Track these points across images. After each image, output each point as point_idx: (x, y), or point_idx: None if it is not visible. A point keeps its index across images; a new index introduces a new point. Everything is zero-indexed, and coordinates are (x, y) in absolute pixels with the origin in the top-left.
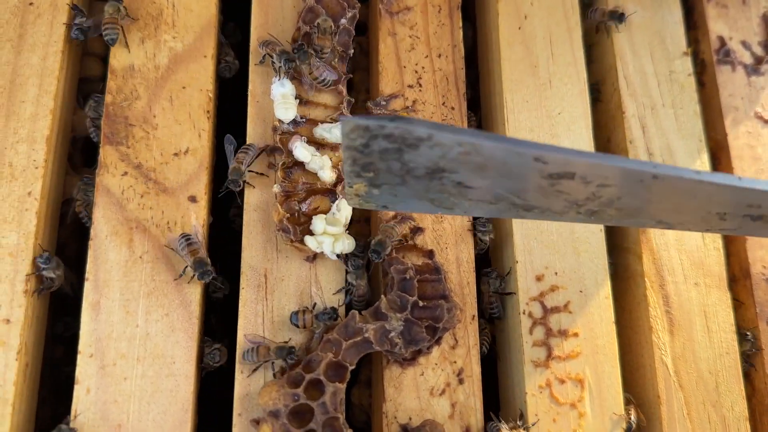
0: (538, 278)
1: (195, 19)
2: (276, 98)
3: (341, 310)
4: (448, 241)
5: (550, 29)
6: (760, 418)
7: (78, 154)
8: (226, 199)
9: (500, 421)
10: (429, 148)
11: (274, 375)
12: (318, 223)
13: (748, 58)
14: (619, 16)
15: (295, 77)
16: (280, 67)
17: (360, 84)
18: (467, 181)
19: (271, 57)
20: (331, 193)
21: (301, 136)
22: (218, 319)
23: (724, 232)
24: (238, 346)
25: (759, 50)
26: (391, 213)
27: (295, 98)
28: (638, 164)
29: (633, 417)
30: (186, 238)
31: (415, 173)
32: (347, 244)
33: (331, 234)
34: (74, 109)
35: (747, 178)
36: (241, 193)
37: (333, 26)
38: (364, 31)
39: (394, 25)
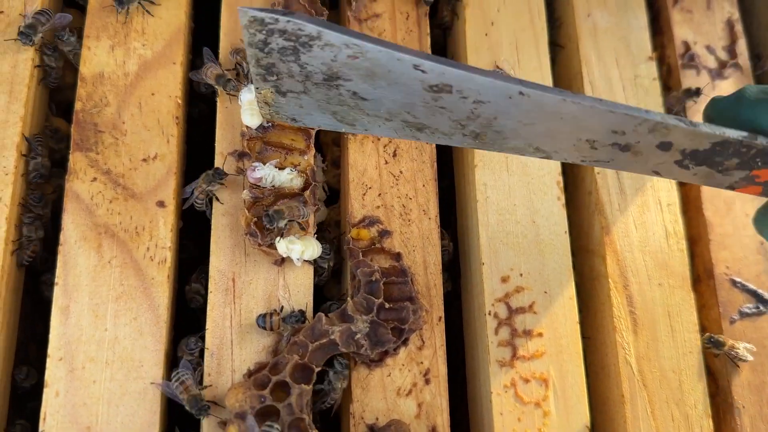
0: (504, 280)
1: (164, 27)
2: (243, 104)
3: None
4: (415, 244)
5: (516, 35)
6: (723, 416)
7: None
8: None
9: None
10: (320, 48)
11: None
12: (279, 245)
13: (712, 62)
14: (695, 92)
15: None
16: (248, 73)
17: None
18: (362, 92)
19: (240, 65)
20: (299, 197)
21: (256, 164)
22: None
23: (599, 165)
24: (206, 351)
25: (723, 54)
26: (359, 216)
27: None
28: (506, 79)
29: None
30: (178, 379)
31: (314, 79)
32: (315, 251)
33: (298, 242)
34: (46, 117)
35: (608, 100)
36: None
37: None
38: None
39: (362, 32)
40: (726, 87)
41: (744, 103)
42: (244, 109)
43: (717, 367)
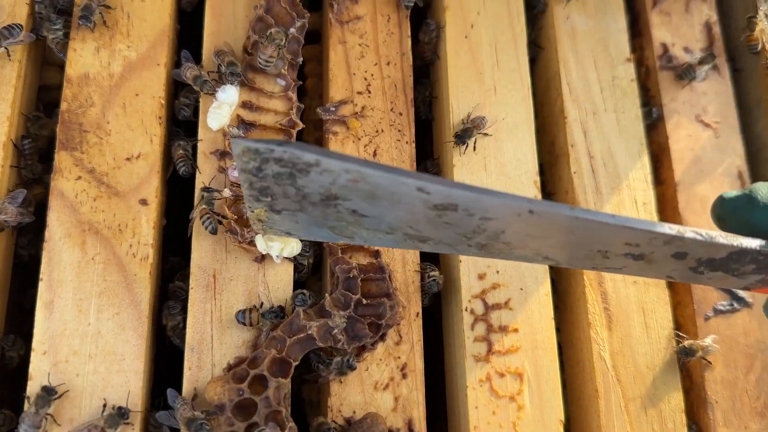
0: (480, 276)
1: (149, 29)
2: (210, 107)
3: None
4: None
5: (495, 37)
6: (697, 411)
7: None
8: (178, 201)
9: None
10: (319, 174)
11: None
12: (259, 241)
13: None
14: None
15: (246, 84)
16: (224, 73)
17: (313, 91)
18: (361, 210)
19: (220, 66)
20: None
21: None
22: None
23: (610, 271)
24: (186, 344)
25: (700, 56)
26: None
27: (241, 106)
28: (514, 199)
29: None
30: (179, 402)
31: (311, 199)
32: (294, 248)
33: (278, 239)
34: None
35: (621, 216)
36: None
37: (284, 38)
38: (318, 40)
39: (344, 34)
40: (703, 88)
41: (756, 206)
42: (210, 109)
43: (691, 362)
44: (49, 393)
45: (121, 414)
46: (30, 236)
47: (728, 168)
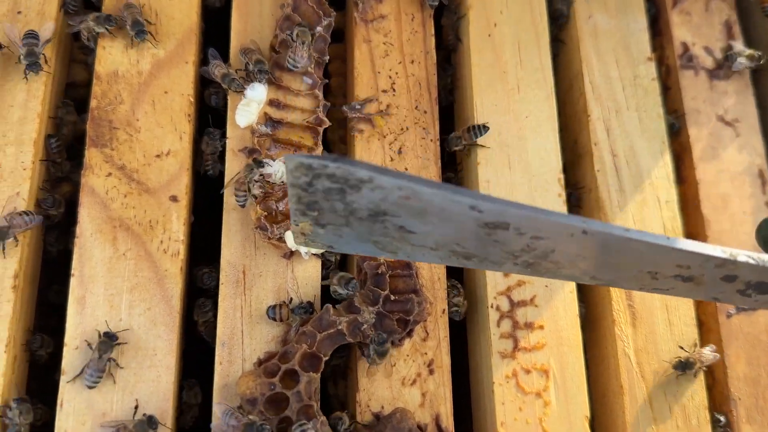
0: (506, 274)
1: (177, 27)
2: (242, 101)
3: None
4: None
5: (518, 37)
6: (720, 408)
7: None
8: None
9: None
10: (370, 190)
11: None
12: (288, 238)
13: (710, 63)
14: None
15: (273, 82)
16: (252, 72)
17: (337, 89)
18: (409, 226)
19: (248, 64)
20: None
21: (266, 160)
22: None
23: (656, 292)
24: (217, 339)
25: (721, 55)
26: None
27: (268, 104)
28: (569, 218)
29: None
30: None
31: (358, 215)
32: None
33: None
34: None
35: (675, 238)
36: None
37: (310, 36)
38: (342, 39)
39: (369, 33)
40: (723, 87)
41: None
42: (238, 110)
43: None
44: (111, 338)
45: (150, 423)
46: (57, 233)
47: (749, 167)
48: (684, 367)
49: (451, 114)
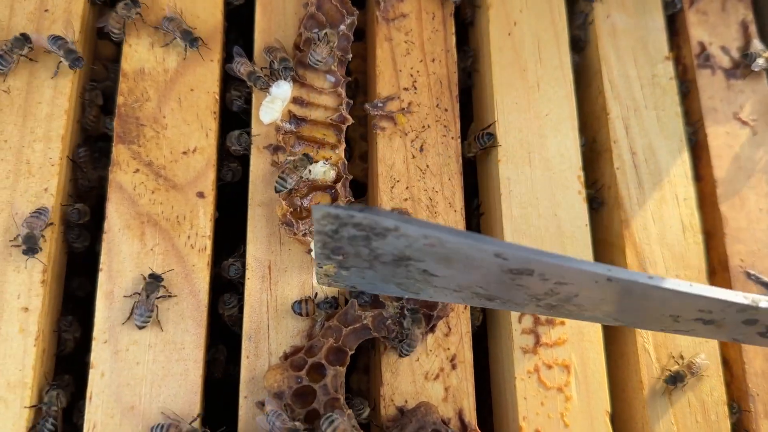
0: None
1: (202, 25)
2: (266, 98)
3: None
4: None
5: (538, 35)
6: (738, 403)
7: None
8: (231, 195)
9: None
10: (396, 238)
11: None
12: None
13: (727, 63)
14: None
15: (297, 80)
16: (277, 70)
17: (357, 87)
18: (432, 270)
19: (273, 63)
20: (331, 189)
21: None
22: None
23: (677, 333)
24: (243, 333)
25: (737, 55)
26: (387, 208)
27: (292, 102)
28: (593, 266)
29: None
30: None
31: (383, 259)
32: None
33: None
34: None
35: (698, 284)
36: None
37: (336, 38)
38: (363, 37)
39: (390, 31)
40: (740, 86)
41: None
42: (262, 106)
43: (732, 355)
44: (157, 279)
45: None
46: (77, 230)
47: (766, 166)
48: (675, 380)
49: (470, 96)
